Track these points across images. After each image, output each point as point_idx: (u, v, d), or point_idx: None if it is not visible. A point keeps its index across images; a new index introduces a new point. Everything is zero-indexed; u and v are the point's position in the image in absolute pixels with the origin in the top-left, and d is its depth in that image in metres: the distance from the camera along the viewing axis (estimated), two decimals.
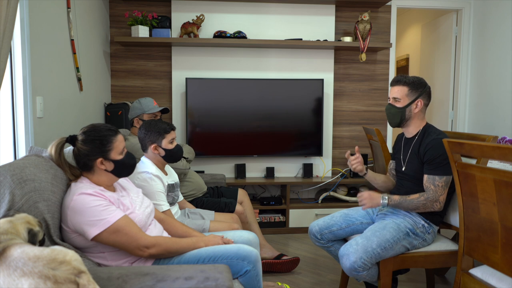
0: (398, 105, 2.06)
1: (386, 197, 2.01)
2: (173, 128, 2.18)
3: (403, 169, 2.13)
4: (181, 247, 1.68)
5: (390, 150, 3.60)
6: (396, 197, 2.02)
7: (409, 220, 2.01)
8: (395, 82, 2.08)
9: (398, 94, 2.06)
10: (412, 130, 2.10)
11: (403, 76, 2.07)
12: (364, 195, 2.02)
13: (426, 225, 2.01)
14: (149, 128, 2.13)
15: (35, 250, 1.07)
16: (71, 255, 1.10)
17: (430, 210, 1.97)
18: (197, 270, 1.37)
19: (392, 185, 2.28)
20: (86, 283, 1.08)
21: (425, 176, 1.98)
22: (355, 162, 2.14)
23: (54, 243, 1.44)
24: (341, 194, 3.80)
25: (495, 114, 3.70)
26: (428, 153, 1.95)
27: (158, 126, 2.13)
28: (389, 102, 2.11)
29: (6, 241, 1.10)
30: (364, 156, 3.81)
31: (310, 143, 3.81)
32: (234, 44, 3.64)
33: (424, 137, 2.03)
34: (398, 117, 2.07)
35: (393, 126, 2.13)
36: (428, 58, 4.72)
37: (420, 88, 2.04)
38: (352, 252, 1.88)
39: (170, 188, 2.18)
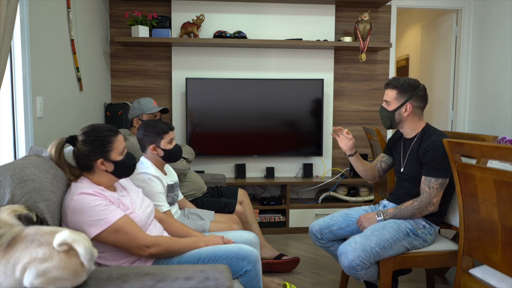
0: (388, 108, 2.05)
1: (381, 213, 2.05)
2: (171, 128, 2.17)
3: (402, 169, 2.13)
4: (181, 247, 1.68)
5: None
6: (390, 210, 2.04)
7: (410, 221, 2.01)
8: (387, 85, 2.07)
9: (388, 97, 2.05)
10: (408, 131, 2.09)
11: (395, 79, 2.04)
12: (360, 218, 2.09)
13: (427, 225, 2.01)
14: (148, 129, 2.12)
15: (50, 227, 1.19)
16: (83, 235, 1.20)
17: (426, 213, 1.98)
18: (197, 270, 1.37)
19: (372, 176, 2.28)
20: None
21: (423, 178, 1.98)
22: (350, 138, 2.15)
23: None
24: (341, 194, 3.80)
25: (495, 114, 3.70)
26: (427, 155, 1.95)
27: (157, 127, 2.12)
28: (382, 104, 2.11)
29: (6, 233, 1.14)
30: (364, 156, 3.81)
31: (310, 143, 3.81)
32: (234, 44, 3.64)
33: (424, 139, 2.02)
34: (388, 120, 2.07)
35: (386, 128, 2.12)
36: (428, 58, 4.72)
37: (409, 91, 2.00)
38: (350, 251, 1.88)
39: (170, 188, 2.18)
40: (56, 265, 1.12)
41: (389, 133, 4.08)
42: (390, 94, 2.04)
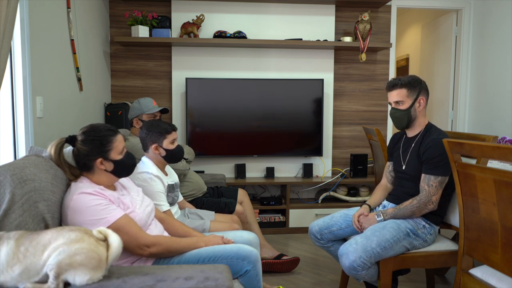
0: (402, 107, 2.04)
1: (380, 214, 2.05)
2: (174, 129, 2.18)
3: (403, 168, 2.13)
4: (182, 246, 1.68)
5: None
6: (390, 211, 2.05)
7: (410, 221, 2.01)
8: (392, 87, 2.06)
9: (398, 97, 2.04)
10: (416, 129, 2.10)
11: (397, 79, 2.05)
12: (360, 219, 2.09)
13: (427, 225, 2.01)
14: (151, 128, 2.13)
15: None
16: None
17: (426, 211, 1.98)
18: (197, 270, 1.37)
19: (388, 191, 2.29)
20: None
21: (422, 176, 1.99)
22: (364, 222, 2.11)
23: None
24: (341, 194, 3.80)
25: (495, 114, 3.70)
26: (427, 153, 1.95)
27: (160, 126, 2.13)
28: (391, 106, 2.10)
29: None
30: (364, 156, 3.81)
31: (310, 143, 3.81)
32: (234, 44, 3.64)
33: (426, 137, 2.03)
34: (405, 119, 2.05)
35: (401, 129, 2.12)
36: (428, 58, 4.72)
37: (417, 86, 2.03)
38: (352, 251, 1.88)
39: (170, 188, 2.18)
40: (87, 246, 1.21)
41: (389, 133, 4.08)
42: (401, 93, 2.03)
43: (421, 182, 1.99)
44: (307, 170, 3.83)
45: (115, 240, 1.27)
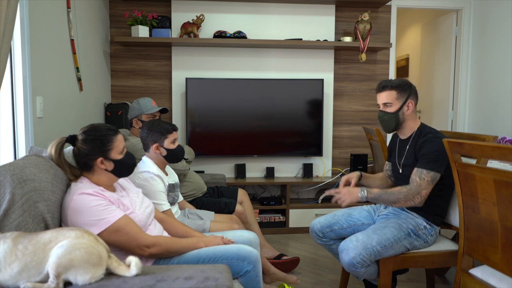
0: (390, 110, 2.03)
1: (365, 190, 1.98)
2: (175, 129, 2.18)
3: (400, 171, 2.12)
4: (182, 247, 1.68)
5: None
6: (375, 190, 1.98)
7: (411, 221, 2.00)
8: (382, 88, 2.04)
9: (387, 99, 2.03)
10: (407, 132, 2.09)
11: (388, 81, 2.04)
12: (343, 191, 2.00)
13: (428, 226, 2.01)
14: (152, 128, 2.13)
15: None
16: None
17: (411, 203, 1.93)
18: (197, 270, 1.37)
19: (387, 185, 2.27)
20: (115, 260, 1.31)
21: (415, 169, 1.95)
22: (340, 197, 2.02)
23: None
24: None
25: (495, 114, 3.70)
26: (423, 149, 1.94)
27: (161, 126, 2.14)
28: (380, 109, 2.08)
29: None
30: (364, 156, 3.81)
31: (310, 143, 3.81)
32: (234, 44, 3.64)
33: (420, 137, 2.02)
34: (393, 122, 2.04)
35: (389, 132, 2.09)
36: (428, 58, 4.72)
37: (407, 89, 2.02)
38: (352, 248, 1.88)
39: (171, 188, 2.18)
40: (86, 242, 1.23)
41: (389, 134, 4.08)
42: (390, 96, 2.02)
43: (412, 175, 1.95)
44: (307, 170, 3.83)
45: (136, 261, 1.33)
